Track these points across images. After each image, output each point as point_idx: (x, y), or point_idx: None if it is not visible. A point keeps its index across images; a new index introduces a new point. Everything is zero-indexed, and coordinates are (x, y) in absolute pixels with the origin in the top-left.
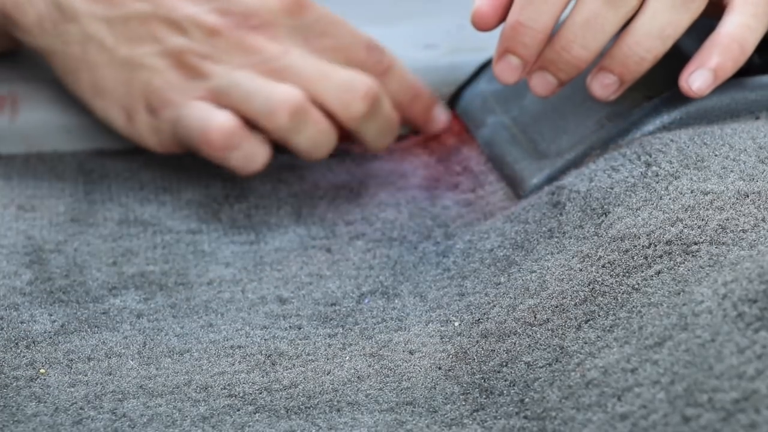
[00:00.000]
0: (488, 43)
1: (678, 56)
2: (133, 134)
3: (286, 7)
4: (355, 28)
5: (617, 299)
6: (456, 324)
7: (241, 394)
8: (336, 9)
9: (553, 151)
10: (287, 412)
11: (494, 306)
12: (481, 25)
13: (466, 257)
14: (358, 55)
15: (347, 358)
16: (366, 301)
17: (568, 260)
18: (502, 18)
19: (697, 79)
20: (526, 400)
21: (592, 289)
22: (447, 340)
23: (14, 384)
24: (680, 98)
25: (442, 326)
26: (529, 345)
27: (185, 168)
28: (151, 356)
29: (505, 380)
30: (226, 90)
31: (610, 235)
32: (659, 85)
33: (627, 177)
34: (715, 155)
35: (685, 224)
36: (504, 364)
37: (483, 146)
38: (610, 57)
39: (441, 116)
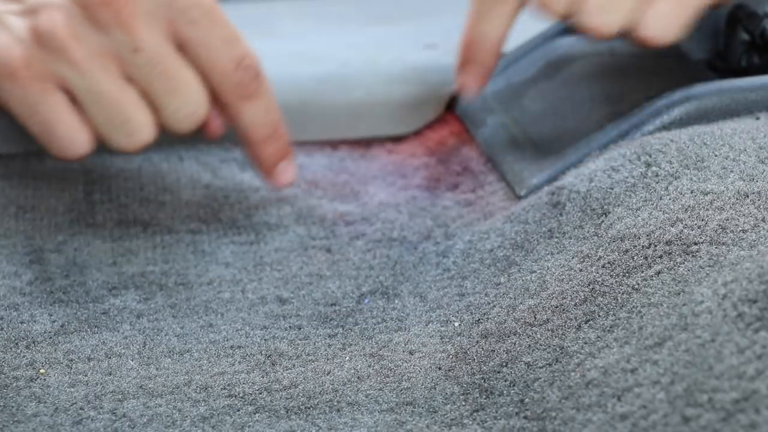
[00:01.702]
0: None
1: (678, 56)
2: None
3: None
4: (238, 39)
5: (617, 299)
6: (456, 324)
7: (241, 395)
8: (336, 9)
9: (553, 151)
10: (287, 412)
11: (494, 306)
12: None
13: (466, 257)
14: (222, 66)
15: (347, 358)
16: (366, 301)
17: (568, 260)
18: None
19: None
20: (526, 400)
21: (592, 289)
22: (447, 340)
23: (14, 384)
24: (680, 98)
25: (442, 326)
26: (529, 345)
27: (185, 168)
28: (151, 356)
29: (505, 380)
30: (74, 87)
31: (610, 236)
32: (659, 85)
33: (627, 177)
34: (715, 155)
35: (685, 224)
36: (504, 364)
37: (483, 146)
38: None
39: (287, 172)
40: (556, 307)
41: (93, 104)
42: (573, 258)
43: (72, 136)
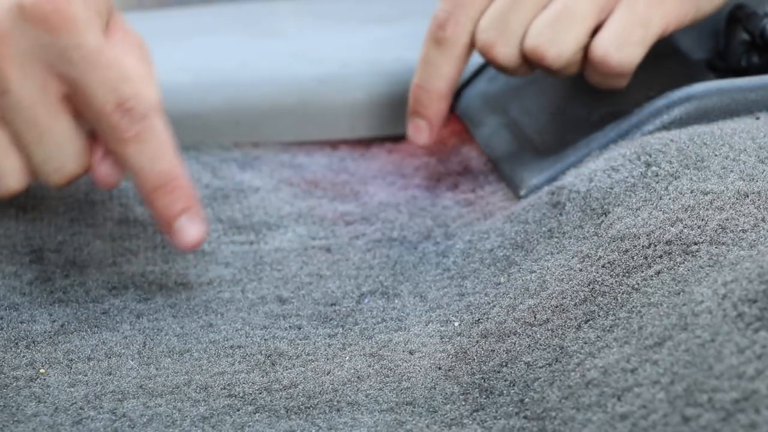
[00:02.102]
0: None
1: (678, 56)
2: None
3: (32, 13)
4: (124, 80)
5: (617, 299)
6: (456, 324)
7: (241, 394)
8: (336, 9)
9: (553, 151)
10: (287, 412)
11: (494, 306)
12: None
13: (466, 257)
14: (100, 108)
15: (347, 358)
16: (366, 301)
17: (568, 260)
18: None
19: None
20: (526, 400)
21: (592, 289)
22: (447, 340)
23: (14, 384)
24: (680, 98)
25: (442, 326)
26: (529, 345)
27: (185, 168)
28: (151, 356)
29: (505, 380)
30: None
31: (610, 235)
32: (659, 85)
33: (627, 177)
34: (715, 155)
35: (685, 224)
36: (504, 364)
37: (483, 146)
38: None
39: (187, 230)
40: (556, 307)
41: None
42: (573, 258)
43: None
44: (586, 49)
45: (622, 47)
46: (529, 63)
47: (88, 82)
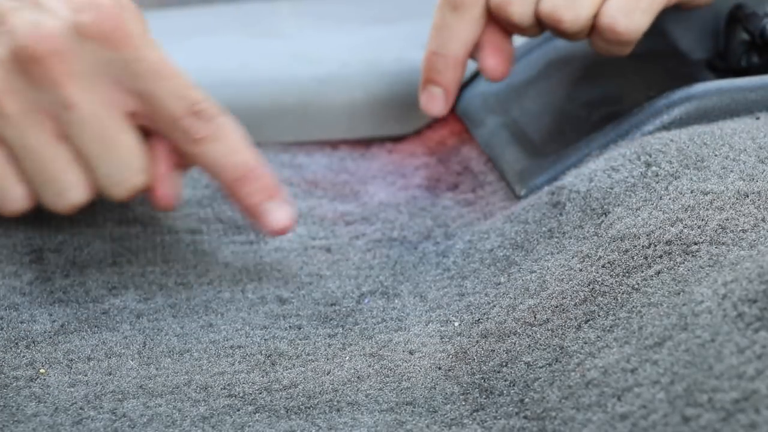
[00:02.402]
0: None
1: (678, 56)
2: None
3: (92, 31)
4: (188, 87)
5: (617, 299)
6: (456, 324)
7: (241, 394)
8: (336, 10)
9: (553, 151)
10: (287, 412)
11: (494, 306)
12: (495, 77)
13: (466, 257)
14: (170, 116)
15: (347, 358)
16: (366, 301)
17: (568, 260)
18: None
19: None
20: (526, 400)
21: (592, 289)
22: (447, 340)
23: (14, 384)
24: (680, 98)
25: (442, 326)
26: (529, 345)
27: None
28: (151, 356)
29: (505, 380)
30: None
31: (610, 235)
32: (659, 85)
33: (627, 177)
34: (715, 155)
35: (685, 224)
36: (504, 364)
37: (483, 146)
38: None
39: (276, 214)
40: (556, 307)
41: (24, 160)
42: (573, 258)
43: (7, 191)
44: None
45: (630, 14)
46: (543, 25)
47: (156, 93)
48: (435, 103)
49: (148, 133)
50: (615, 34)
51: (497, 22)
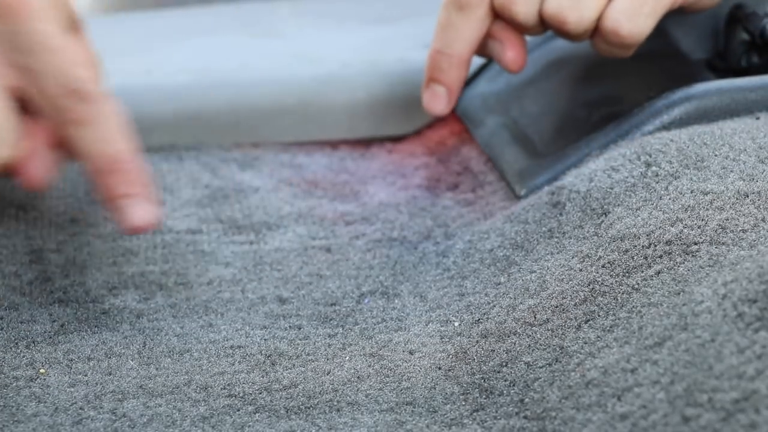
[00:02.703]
0: None
1: (678, 56)
2: None
3: None
4: (74, 65)
5: (617, 299)
6: (456, 324)
7: (241, 394)
8: (336, 9)
9: (553, 151)
10: (287, 412)
11: (494, 306)
12: (515, 68)
13: (466, 257)
14: (49, 91)
15: (347, 358)
16: (366, 301)
17: (568, 260)
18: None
19: None
20: (526, 400)
21: (592, 289)
22: (447, 340)
23: (14, 384)
24: (680, 98)
25: (442, 326)
26: (529, 345)
27: (185, 168)
28: (150, 356)
29: (505, 380)
30: None
31: (610, 235)
32: (659, 85)
33: (627, 177)
34: (715, 155)
35: (685, 224)
36: (504, 364)
37: (483, 146)
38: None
39: (137, 213)
40: (556, 307)
41: None
42: (573, 258)
43: None
44: None
45: (634, 18)
46: (547, 26)
47: (40, 67)
48: (438, 102)
49: (32, 111)
50: (618, 37)
51: (502, 20)
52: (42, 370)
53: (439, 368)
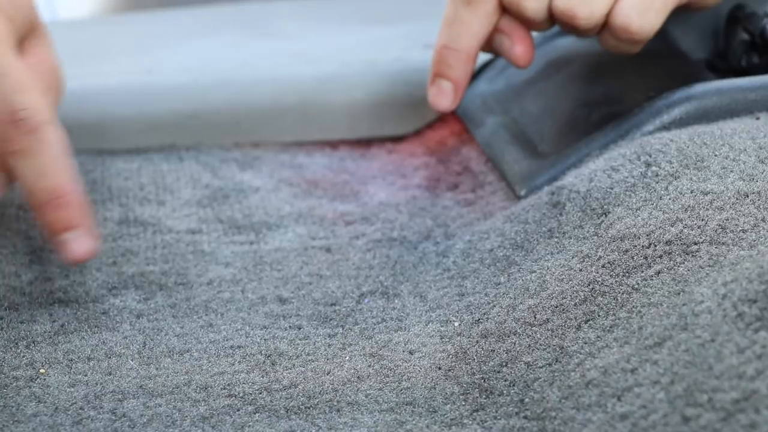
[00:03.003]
0: None
1: (678, 56)
2: None
3: None
4: (20, 91)
5: (617, 299)
6: (456, 324)
7: (241, 394)
8: (336, 10)
9: (553, 151)
10: (287, 412)
11: (494, 306)
12: (524, 63)
13: (466, 257)
14: None
15: (347, 358)
16: (366, 301)
17: (568, 260)
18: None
19: None
20: (526, 400)
21: (592, 289)
22: (447, 340)
23: (14, 384)
24: (680, 98)
25: (442, 326)
26: (529, 345)
27: (185, 168)
28: (150, 356)
29: (505, 380)
30: None
31: (610, 235)
32: (659, 85)
33: (627, 177)
34: (715, 155)
35: (685, 224)
36: (504, 364)
37: (483, 146)
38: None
39: (76, 244)
40: (556, 307)
41: None
42: (573, 258)
43: None
44: None
45: (644, 13)
46: (556, 21)
47: None
48: (444, 97)
49: None
50: (628, 33)
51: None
52: (42, 370)
53: (439, 368)
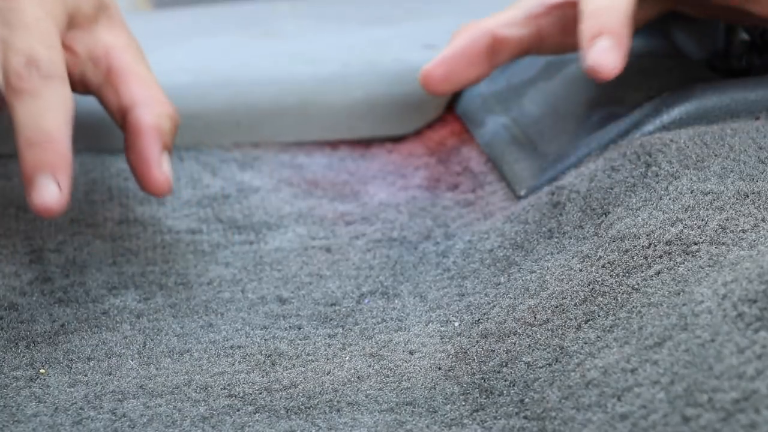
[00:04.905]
0: None
1: (678, 56)
2: None
3: None
4: (40, 40)
5: (617, 299)
6: (456, 324)
7: (241, 394)
8: (336, 9)
9: (553, 151)
10: (287, 412)
11: (494, 306)
12: (429, 86)
13: (466, 257)
14: (13, 56)
15: (347, 358)
16: (366, 301)
17: (568, 260)
18: (451, 83)
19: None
20: (526, 400)
21: (592, 289)
22: (447, 340)
23: (14, 384)
24: (680, 98)
25: (442, 326)
26: (529, 345)
27: (185, 168)
28: (150, 356)
29: (505, 380)
30: None
31: (610, 236)
32: (659, 85)
33: (627, 177)
34: (715, 155)
35: (685, 224)
36: (504, 364)
37: (483, 146)
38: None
39: (44, 190)
40: (556, 307)
41: None
42: (573, 258)
43: None
44: None
45: None
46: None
47: (11, 37)
48: (608, 55)
49: None
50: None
51: None
52: (42, 370)
53: (439, 368)
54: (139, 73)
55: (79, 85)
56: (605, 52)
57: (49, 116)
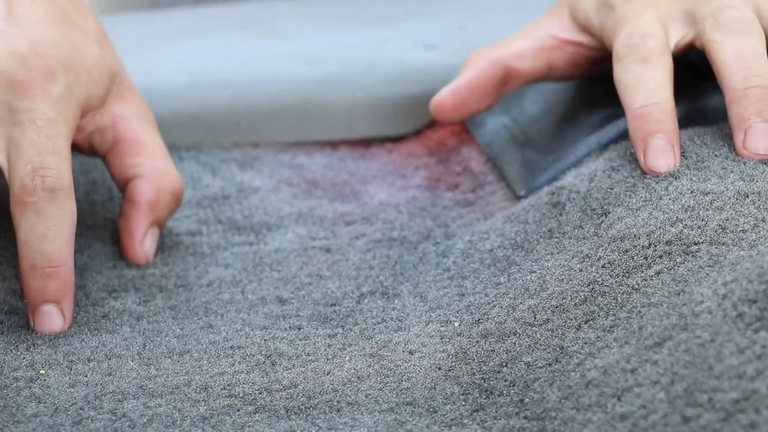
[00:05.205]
0: (488, 45)
1: (678, 56)
2: None
3: (6, 81)
4: (52, 153)
5: (617, 299)
6: (456, 324)
7: (240, 395)
8: (336, 9)
9: (553, 151)
10: (287, 412)
11: (494, 306)
12: (440, 116)
13: (466, 257)
14: (18, 168)
15: (347, 358)
16: (366, 301)
17: (568, 260)
18: (462, 113)
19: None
20: (526, 400)
21: (592, 289)
22: (447, 340)
23: (14, 384)
24: (680, 98)
25: (442, 326)
26: (529, 345)
27: (185, 168)
28: (150, 357)
29: (505, 380)
30: None
31: (610, 236)
32: None
33: (627, 177)
34: (715, 155)
35: (685, 224)
36: (504, 364)
37: (483, 146)
38: None
39: (48, 319)
40: (556, 307)
41: None
42: (573, 258)
43: None
44: None
45: None
46: None
47: (23, 141)
48: (663, 155)
49: None
50: None
51: None
52: (42, 371)
53: (439, 368)
54: (145, 143)
55: (87, 150)
56: (660, 151)
57: (53, 236)
